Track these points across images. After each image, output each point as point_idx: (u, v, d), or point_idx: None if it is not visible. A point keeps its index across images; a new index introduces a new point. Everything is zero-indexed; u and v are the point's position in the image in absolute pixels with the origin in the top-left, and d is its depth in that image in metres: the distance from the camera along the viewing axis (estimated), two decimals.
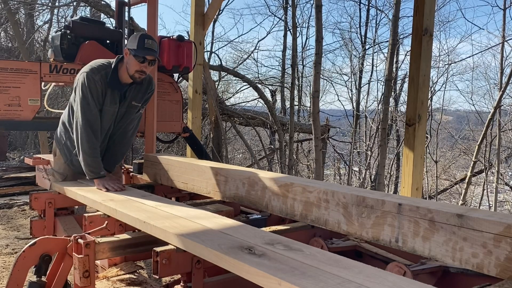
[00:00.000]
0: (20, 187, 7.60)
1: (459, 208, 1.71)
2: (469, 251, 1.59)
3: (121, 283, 2.36)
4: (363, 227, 1.92)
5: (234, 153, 15.07)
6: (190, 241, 1.73)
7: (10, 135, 14.04)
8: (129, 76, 2.98)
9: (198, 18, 5.59)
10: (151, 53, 2.91)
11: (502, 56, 11.18)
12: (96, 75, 2.95)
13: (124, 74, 3.01)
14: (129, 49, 2.93)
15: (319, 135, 7.85)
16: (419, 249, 1.73)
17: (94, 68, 2.99)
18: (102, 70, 2.99)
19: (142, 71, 2.95)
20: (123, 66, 3.00)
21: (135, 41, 2.91)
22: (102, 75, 2.98)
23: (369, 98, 15.42)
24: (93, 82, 2.93)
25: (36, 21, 14.18)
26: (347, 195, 1.99)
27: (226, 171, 2.71)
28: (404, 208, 1.78)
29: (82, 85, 2.93)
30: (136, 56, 2.89)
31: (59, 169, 3.29)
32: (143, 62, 2.92)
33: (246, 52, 15.12)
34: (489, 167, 11.81)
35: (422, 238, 1.72)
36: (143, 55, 2.90)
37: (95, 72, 2.96)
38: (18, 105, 4.11)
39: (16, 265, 2.03)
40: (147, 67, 2.96)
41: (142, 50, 2.89)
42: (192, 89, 5.70)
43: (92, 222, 2.40)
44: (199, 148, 5.16)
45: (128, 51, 2.93)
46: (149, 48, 2.90)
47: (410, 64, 3.93)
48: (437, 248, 1.67)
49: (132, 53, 2.90)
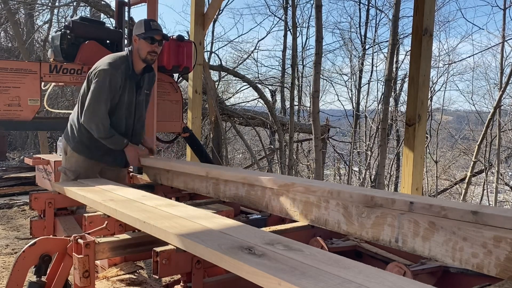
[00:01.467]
0: (20, 187, 7.60)
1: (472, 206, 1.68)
2: (469, 251, 1.58)
3: (121, 283, 2.36)
4: (363, 227, 1.92)
5: (234, 153, 15.08)
6: (190, 241, 1.72)
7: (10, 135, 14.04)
8: (142, 61, 3.18)
9: (198, 18, 5.60)
10: (158, 32, 3.16)
11: (502, 56, 11.20)
12: (117, 70, 3.12)
13: (137, 63, 3.21)
14: (137, 34, 3.15)
15: (319, 135, 7.85)
16: (419, 249, 1.73)
17: (113, 64, 3.14)
18: (122, 64, 3.17)
19: (153, 52, 3.17)
20: (134, 56, 3.19)
21: (141, 26, 3.14)
22: (123, 69, 3.15)
23: (369, 98, 15.45)
24: (114, 79, 3.10)
25: (36, 21, 14.20)
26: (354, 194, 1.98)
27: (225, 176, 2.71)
28: (416, 207, 1.75)
29: (102, 81, 3.09)
30: (145, 38, 3.11)
31: (71, 167, 3.30)
32: (153, 43, 3.14)
33: (246, 52, 15.13)
34: (489, 167, 11.82)
35: (422, 238, 1.72)
36: (152, 35, 3.12)
37: (116, 68, 3.12)
38: (18, 105, 4.11)
39: (16, 265, 2.03)
40: (157, 47, 3.18)
41: (150, 31, 3.13)
42: (192, 89, 5.70)
43: (92, 222, 2.39)
44: (199, 148, 5.15)
45: (137, 37, 3.14)
46: (155, 29, 3.15)
47: (410, 64, 3.93)
48: (437, 248, 1.67)
49: (141, 37, 3.12)
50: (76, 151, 3.29)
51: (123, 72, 3.14)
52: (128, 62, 3.18)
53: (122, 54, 3.24)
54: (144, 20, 3.18)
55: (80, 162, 3.29)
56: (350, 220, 1.98)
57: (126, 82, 3.17)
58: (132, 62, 3.19)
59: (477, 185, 13.49)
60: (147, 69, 3.28)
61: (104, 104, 3.09)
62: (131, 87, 3.22)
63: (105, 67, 3.09)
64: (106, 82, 3.07)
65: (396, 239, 1.81)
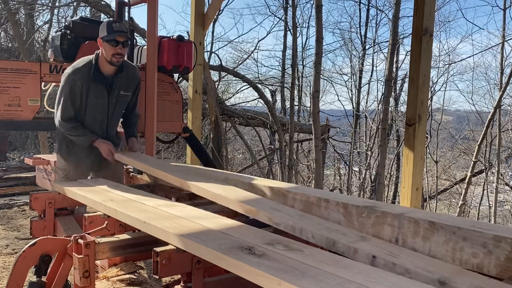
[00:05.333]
0: (20, 187, 7.60)
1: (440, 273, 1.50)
2: (469, 251, 1.59)
3: (121, 283, 2.36)
4: (363, 227, 1.92)
5: (234, 153, 15.06)
6: (190, 241, 1.72)
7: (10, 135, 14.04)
8: (108, 64, 3.17)
9: (198, 18, 5.59)
10: (120, 33, 3.12)
11: (502, 56, 11.18)
12: (76, 74, 3.14)
13: (105, 66, 3.20)
14: (101, 37, 3.14)
15: (319, 135, 7.85)
16: (419, 249, 1.73)
17: (75, 68, 3.18)
18: (84, 67, 3.17)
19: (117, 53, 3.14)
20: (101, 58, 3.19)
21: (104, 29, 3.13)
22: (84, 72, 3.16)
23: (369, 98, 15.43)
24: (72, 82, 3.13)
25: (36, 21, 14.19)
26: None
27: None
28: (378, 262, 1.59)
29: (61, 86, 3.18)
30: (108, 41, 3.10)
31: (61, 165, 3.37)
32: (116, 45, 3.11)
33: (246, 52, 15.11)
34: (489, 167, 11.82)
35: (422, 238, 1.72)
36: (113, 38, 3.09)
37: (75, 72, 3.15)
38: (18, 105, 4.11)
39: (16, 265, 2.03)
40: (121, 49, 3.15)
41: (111, 34, 3.10)
42: (192, 89, 5.70)
43: (92, 222, 2.39)
44: (199, 149, 5.15)
45: (101, 40, 3.14)
46: (117, 30, 3.12)
47: (410, 64, 3.93)
48: (437, 248, 1.67)
49: (104, 40, 3.11)
50: (59, 151, 3.41)
51: (84, 74, 3.15)
52: (91, 65, 3.19)
53: (89, 57, 3.26)
54: (106, 22, 3.19)
55: (67, 161, 3.40)
56: (350, 220, 1.98)
57: (90, 85, 3.18)
58: (99, 64, 3.20)
59: (477, 185, 13.49)
60: (118, 70, 3.27)
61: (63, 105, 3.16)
62: (99, 89, 3.22)
63: (67, 71, 3.19)
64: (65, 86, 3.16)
65: (396, 239, 1.81)
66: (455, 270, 1.55)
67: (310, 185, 12.22)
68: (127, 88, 3.38)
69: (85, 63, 3.21)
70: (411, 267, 1.52)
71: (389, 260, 1.57)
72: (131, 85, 3.40)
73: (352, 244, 1.71)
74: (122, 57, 3.18)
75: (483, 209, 13.16)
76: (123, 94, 3.36)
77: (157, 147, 5.63)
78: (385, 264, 1.57)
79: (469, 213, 12.71)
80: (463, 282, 1.43)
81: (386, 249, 1.70)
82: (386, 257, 1.60)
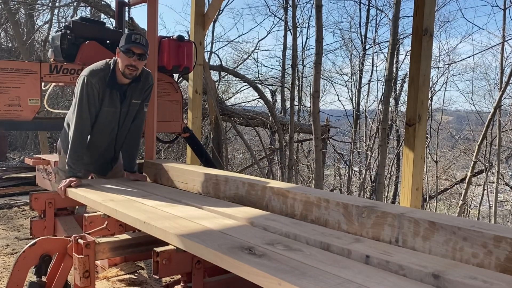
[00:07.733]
0: (20, 187, 7.59)
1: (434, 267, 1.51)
2: (469, 251, 1.59)
3: (121, 283, 2.36)
4: (363, 227, 1.92)
5: (234, 153, 15.07)
6: (190, 241, 1.73)
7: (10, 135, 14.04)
8: (122, 74, 3.07)
9: (198, 18, 5.59)
10: (137, 45, 3.01)
11: (502, 56, 11.18)
12: (94, 77, 3.05)
13: (119, 75, 3.10)
14: (119, 47, 3.05)
15: (319, 135, 7.85)
16: (419, 249, 1.73)
17: (93, 70, 3.09)
18: (101, 72, 3.09)
19: (132, 65, 3.03)
20: (117, 68, 3.10)
21: (124, 39, 3.04)
22: (101, 77, 3.07)
23: (369, 98, 15.43)
24: (90, 86, 3.03)
25: (36, 21, 14.19)
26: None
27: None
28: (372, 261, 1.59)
29: (79, 89, 3.05)
30: (124, 51, 3.00)
31: (63, 167, 3.32)
32: (131, 56, 3.00)
33: (246, 52, 15.13)
34: (489, 167, 11.82)
35: (422, 238, 1.72)
36: (129, 48, 2.99)
37: (93, 75, 3.06)
38: (18, 105, 4.11)
39: (16, 265, 2.03)
40: (136, 61, 3.04)
41: (128, 44, 3.00)
42: (192, 89, 5.70)
43: (92, 222, 2.40)
44: (199, 148, 5.15)
45: (119, 50, 3.05)
46: (135, 42, 3.01)
47: (410, 64, 3.92)
48: (437, 248, 1.68)
49: (121, 49, 3.02)
50: (64, 152, 3.30)
51: (101, 79, 3.06)
52: (108, 71, 3.09)
53: (106, 61, 3.17)
54: (127, 33, 3.10)
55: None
56: (350, 220, 1.98)
57: (106, 91, 3.09)
58: (115, 72, 3.10)
59: (477, 185, 13.49)
60: (134, 79, 3.16)
61: (79, 107, 3.04)
62: (113, 97, 3.13)
63: (84, 73, 3.10)
64: (83, 89, 3.03)
65: (397, 239, 1.81)
66: (449, 264, 1.56)
67: (310, 185, 12.24)
68: (139, 95, 3.28)
69: (102, 67, 3.11)
70: (404, 263, 1.52)
71: (382, 258, 1.57)
72: (141, 93, 3.29)
73: (345, 246, 1.72)
74: (136, 70, 3.06)
75: (483, 209, 13.17)
76: (134, 102, 3.26)
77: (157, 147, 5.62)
78: (379, 262, 1.57)
79: (469, 213, 12.72)
80: (456, 274, 1.43)
81: (380, 248, 1.71)
82: (380, 255, 1.61)
